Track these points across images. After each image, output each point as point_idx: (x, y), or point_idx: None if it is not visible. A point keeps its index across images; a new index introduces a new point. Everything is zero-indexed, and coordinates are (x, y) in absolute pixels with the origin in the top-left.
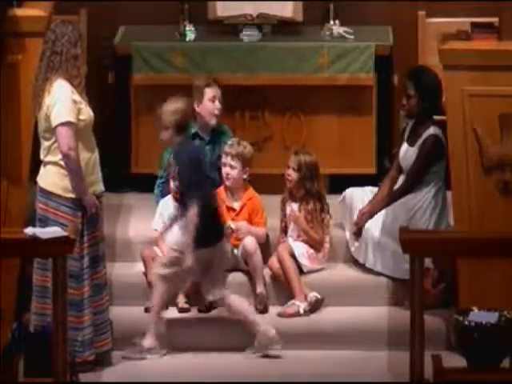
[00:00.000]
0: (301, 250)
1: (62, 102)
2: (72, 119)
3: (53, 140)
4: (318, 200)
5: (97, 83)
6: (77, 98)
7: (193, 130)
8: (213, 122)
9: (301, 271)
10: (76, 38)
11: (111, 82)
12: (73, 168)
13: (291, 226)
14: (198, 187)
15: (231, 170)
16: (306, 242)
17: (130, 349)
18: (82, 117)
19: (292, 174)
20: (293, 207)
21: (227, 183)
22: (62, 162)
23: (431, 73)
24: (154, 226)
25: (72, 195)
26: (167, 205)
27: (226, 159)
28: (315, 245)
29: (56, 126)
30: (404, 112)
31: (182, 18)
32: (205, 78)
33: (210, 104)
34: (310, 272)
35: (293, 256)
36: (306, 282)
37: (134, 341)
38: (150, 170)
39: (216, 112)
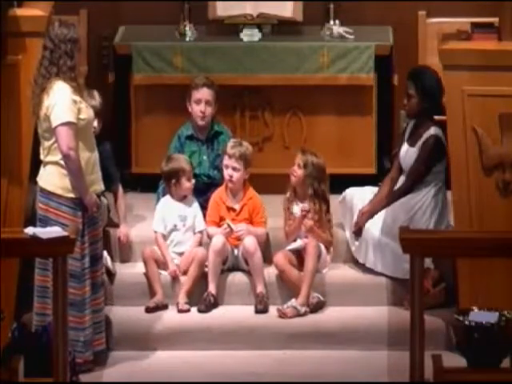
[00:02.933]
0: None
1: (62, 102)
2: (72, 119)
3: (53, 140)
4: (323, 201)
5: (97, 83)
6: (76, 97)
7: (188, 132)
8: (200, 122)
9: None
10: (73, 48)
11: (111, 82)
12: (73, 168)
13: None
14: None
15: (235, 172)
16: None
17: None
18: (82, 116)
19: (297, 171)
20: (300, 206)
21: (230, 185)
22: (62, 162)
23: (432, 73)
24: (154, 227)
25: (72, 195)
26: (166, 205)
27: (229, 161)
28: (326, 245)
29: (56, 127)
30: (405, 112)
31: (182, 17)
32: (201, 78)
33: (195, 106)
34: None
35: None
36: None
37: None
38: (150, 169)
39: (200, 114)
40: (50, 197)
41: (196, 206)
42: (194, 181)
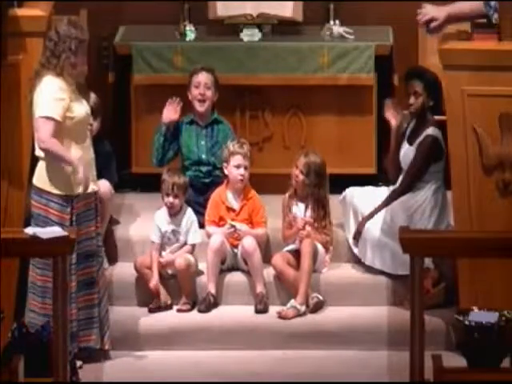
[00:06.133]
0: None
1: (45, 98)
2: (51, 115)
3: None
4: (321, 207)
5: (97, 83)
6: (64, 95)
7: (188, 120)
8: (200, 108)
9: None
10: (77, 46)
11: (111, 82)
12: (52, 154)
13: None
14: None
15: (245, 170)
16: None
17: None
18: (70, 114)
19: (299, 176)
20: (300, 207)
21: (240, 185)
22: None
23: (432, 72)
24: (151, 236)
25: (59, 192)
26: (162, 216)
27: (242, 161)
28: (324, 245)
29: (36, 119)
30: (412, 110)
31: (182, 18)
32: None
33: (194, 90)
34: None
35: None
36: None
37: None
38: (150, 169)
39: (199, 97)
40: (40, 193)
41: (190, 220)
42: (176, 201)
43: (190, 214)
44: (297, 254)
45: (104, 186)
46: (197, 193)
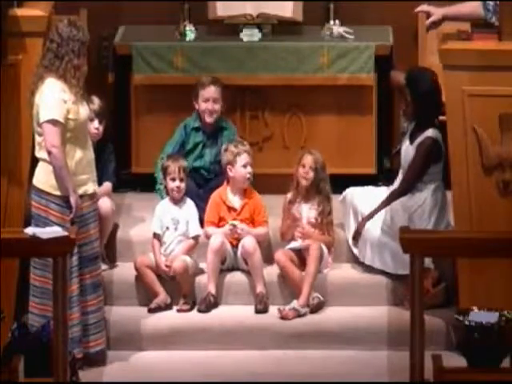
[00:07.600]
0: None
1: (49, 100)
2: (57, 117)
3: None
4: (327, 203)
5: (97, 83)
6: (67, 97)
7: (195, 124)
8: (210, 120)
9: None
10: (80, 48)
11: (111, 82)
12: (55, 165)
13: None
14: None
15: (251, 168)
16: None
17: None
18: (71, 116)
19: (310, 173)
20: (303, 208)
21: (247, 184)
22: (49, 159)
23: (426, 76)
24: (153, 228)
25: (60, 193)
26: (163, 206)
27: (248, 158)
28: (327, 245)
29: (42, 123)
30: (404, 117)
31: (182, 18)
32: (207, 77)
33: (203, 104)
34: None
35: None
36: None
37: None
38: (150, 169)
39: (208, 112)
40: (40, 194)
41: (190, 210)
42: (182, 184)
43: (190, 204)
44: (299, 252)
45: (105, 203)
46: (197, 185)
